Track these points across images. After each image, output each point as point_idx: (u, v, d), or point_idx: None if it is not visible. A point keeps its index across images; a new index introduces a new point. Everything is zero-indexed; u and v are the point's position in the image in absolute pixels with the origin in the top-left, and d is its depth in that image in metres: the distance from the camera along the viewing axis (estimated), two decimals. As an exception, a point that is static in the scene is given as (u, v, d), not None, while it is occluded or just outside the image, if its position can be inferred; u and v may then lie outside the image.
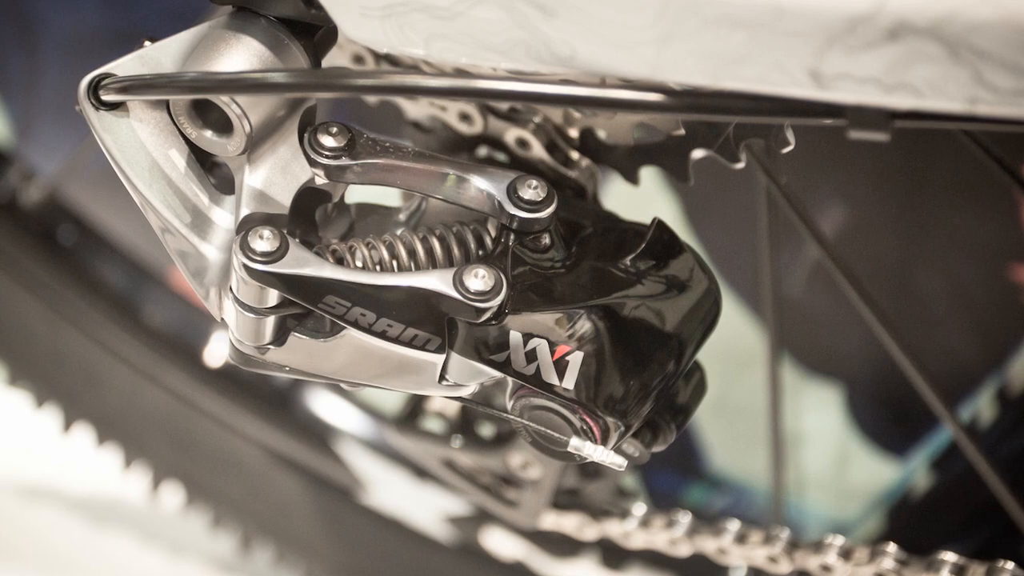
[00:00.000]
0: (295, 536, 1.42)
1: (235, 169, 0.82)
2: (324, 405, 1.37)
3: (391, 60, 0.90)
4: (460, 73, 0.84)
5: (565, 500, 1.09)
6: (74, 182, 1.41)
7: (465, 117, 0.92)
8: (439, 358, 0.81)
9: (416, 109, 0.95)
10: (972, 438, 1.07)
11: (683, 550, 1.06)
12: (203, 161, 0.83)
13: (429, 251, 0.83)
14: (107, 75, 0.81)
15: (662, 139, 0.89)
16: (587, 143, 0.91)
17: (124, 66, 0.82)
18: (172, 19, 1.17)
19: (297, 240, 0.80)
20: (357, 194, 0.86)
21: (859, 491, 1.54)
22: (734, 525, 1.04)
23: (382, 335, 0.80)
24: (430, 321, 0.80)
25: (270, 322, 0.81)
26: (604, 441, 0.80)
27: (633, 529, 1.07)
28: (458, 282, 0.79)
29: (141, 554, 1.58)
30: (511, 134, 0.92)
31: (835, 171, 1.45)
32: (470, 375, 0.82)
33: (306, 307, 0.80)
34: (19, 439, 1.65)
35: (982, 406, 1.38)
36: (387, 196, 0.88)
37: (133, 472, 1.45)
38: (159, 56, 0.82)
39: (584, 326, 0.80)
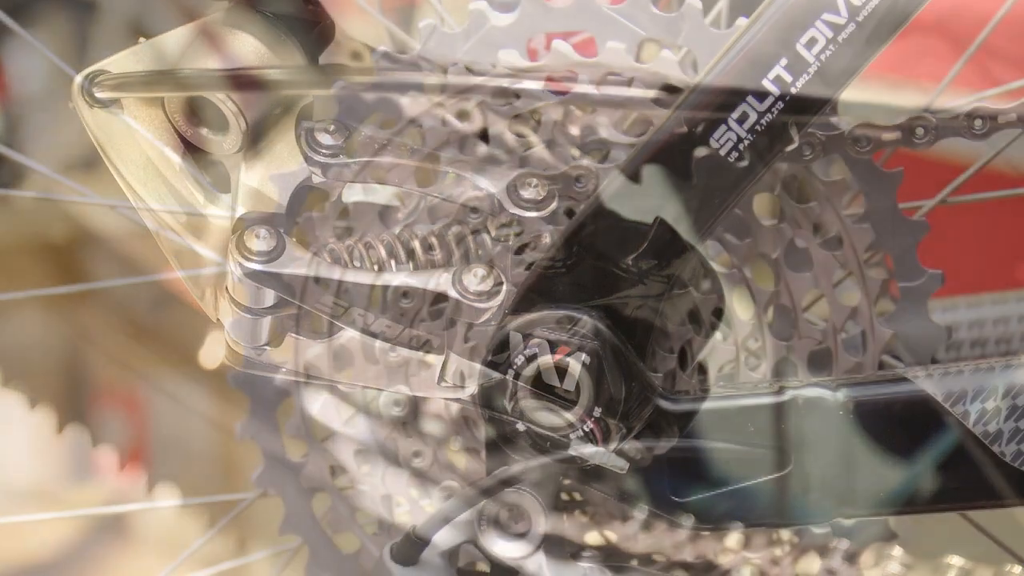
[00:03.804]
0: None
1: (231, 167, 0.82)
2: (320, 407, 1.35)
3: (389, 57, 0.89)
4: (459, 70, 0.83)
5: (566, 503, 1.08)
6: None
7: (464, 114, 0.91)
8: (438, 359, 0.80)
9: (415, 106, 0.94)
10: (979, 440, 1.07)
11: (686, 554, 1.05)
12: (198, 159, 0.82)
13: (428, 251, 0.83)
14: (101, 72, 0.81)
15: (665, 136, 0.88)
16: (589, 140, 0.90)
17: (118, 63, 0.81)
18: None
19: (294, 239, 0.79)
20: (355, 193, 0.86)
21: (864, 494, 1.53)
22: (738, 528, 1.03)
23: (380, 336, 0.79)
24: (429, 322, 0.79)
25: (266, 323, 0.80)
26: (605, 443, 0.79)
27: (635, 533, 1.07)
28: (457, 282, 0.78)
29: (135, 559, 1.58)
30: (511, 131, 0.91)
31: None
32: (469, 376, 0.81)
33: (303, 307, 0.79)
34: (10, 442, 1.64)
35: (990, 407, 1.37)
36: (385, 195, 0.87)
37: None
38: (154, 53, 0.81)
39: (585, 327, 0.79)
